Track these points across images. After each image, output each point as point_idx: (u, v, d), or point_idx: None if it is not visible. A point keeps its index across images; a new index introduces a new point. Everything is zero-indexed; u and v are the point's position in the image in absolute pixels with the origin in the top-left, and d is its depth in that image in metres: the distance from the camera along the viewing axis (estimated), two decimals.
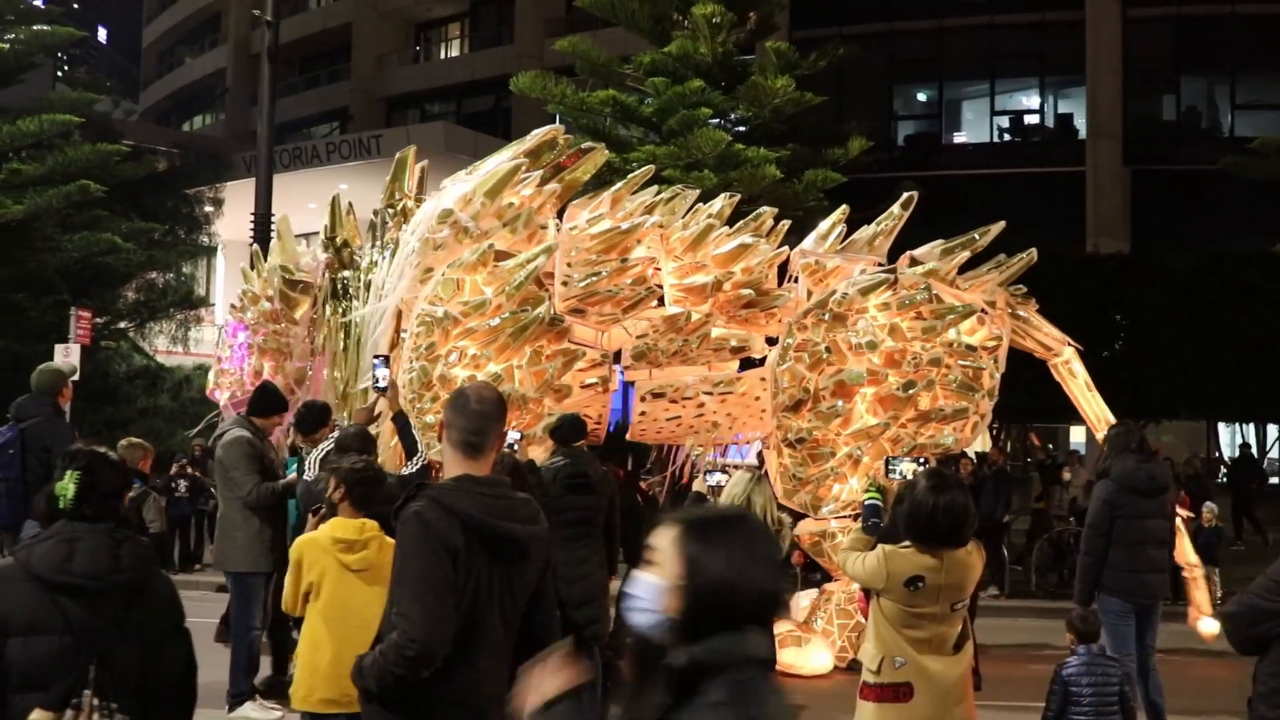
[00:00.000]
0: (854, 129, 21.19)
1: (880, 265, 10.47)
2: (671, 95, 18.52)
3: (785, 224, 10.91)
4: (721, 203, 10.50)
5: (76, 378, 11.19)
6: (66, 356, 15.10)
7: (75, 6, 50.56)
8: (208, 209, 25.91)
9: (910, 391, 9.81)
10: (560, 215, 10.21)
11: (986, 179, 31.04)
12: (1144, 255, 21.91)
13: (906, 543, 5.07)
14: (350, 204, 10.83)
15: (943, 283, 10.29)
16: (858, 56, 23.72)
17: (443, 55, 45.85)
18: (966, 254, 10.57)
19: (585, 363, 9.94)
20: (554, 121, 34.51)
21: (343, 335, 9.99)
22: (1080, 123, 32.27)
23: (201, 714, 4.06)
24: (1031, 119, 33.44)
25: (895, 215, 10.76)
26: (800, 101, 19.48)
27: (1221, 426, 29.28)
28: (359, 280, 10.06)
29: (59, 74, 33.34)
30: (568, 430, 8.07)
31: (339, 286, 10.19)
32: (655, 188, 10.77)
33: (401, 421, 7.69)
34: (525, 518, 3.79)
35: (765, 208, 10.92)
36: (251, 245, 14.72)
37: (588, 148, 10.34)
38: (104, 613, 3.55)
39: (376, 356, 8.41)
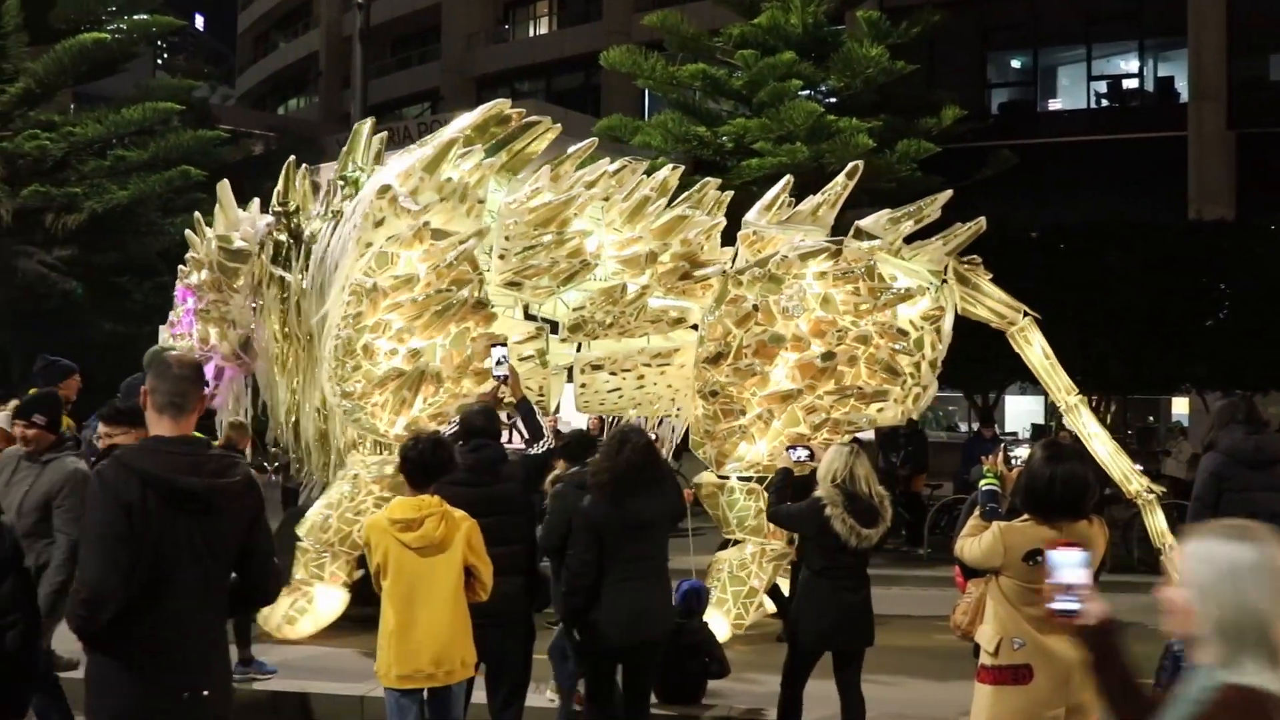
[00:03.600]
0: (947, 98, 20.82)
1: (825, 237, 10.35)
2: (762, 68, 18.36)
3: (728, 195, 10.94)
4: (665, 173, 10.53)
5: None
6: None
7: None
8: None
9: (827, 363, 9.70)
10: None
11: (1083, 146, 30.42)
12: (1249, 222, 21.30)
13: (1025, 516, 5.00)
14: (305, 169, 10.88)
15: (888, 253, 10.21)
16: (950, 23, 23.31)
17: (531, 33, 45.96)
18: (911, 224, 10.44)
19: (521, 334, 9.96)
20: (643, 97, 34.54)
21: (280, 301, 10.10)
22: (1182, 85, 31.43)
23: None
24: (1130, 83, 32.63)
25: (840, 185, 10.58)
26: (892, 71, 19.21)
27: None
28: (301, 247, 10.17)
29: (159, 62, 34.04)
30: (575, 448, 8.01)
31: (282, 252, 10.26)
32: (607, 159, 10.76)
33: (525, 408, 7.81)
34: (211, 472, 4.06)
35: (709, 179, 10.91)
36: None
37: (534, 120, 10.31)
38: None
39: (495, 344, 8.52)
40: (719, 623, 9.78)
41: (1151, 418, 30.03)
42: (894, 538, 17.03)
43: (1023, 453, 11.44)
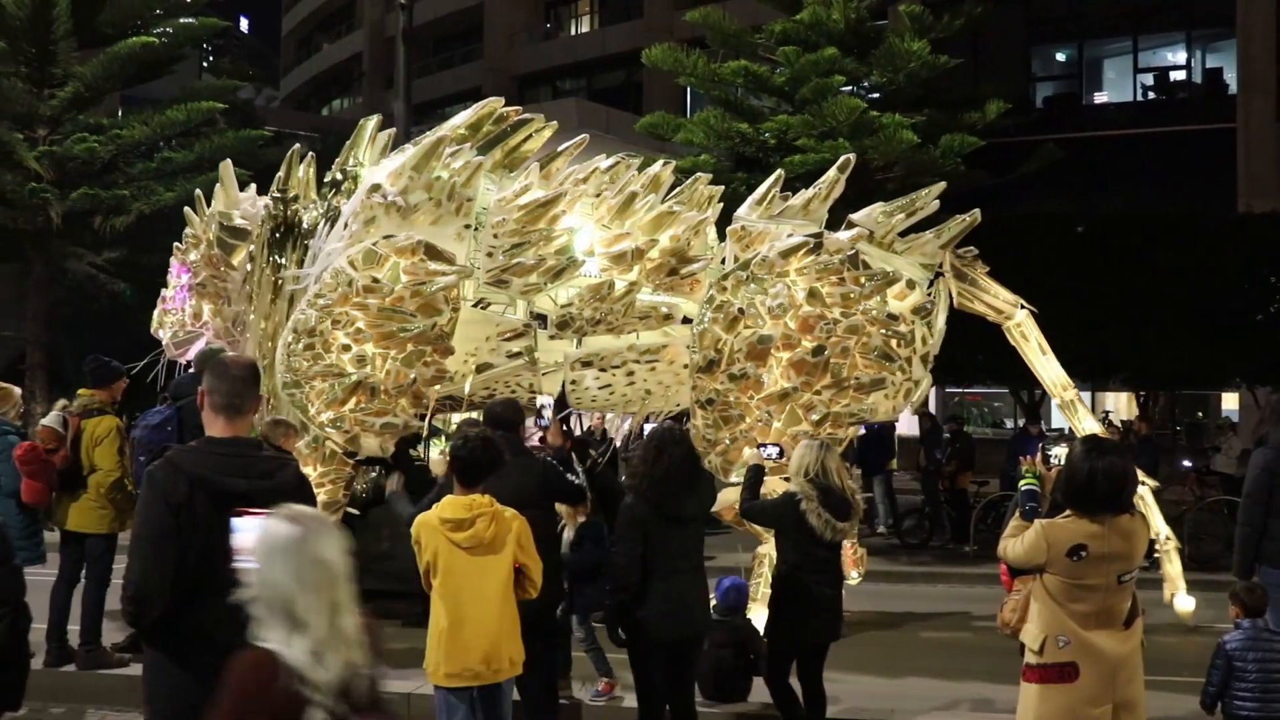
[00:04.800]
0: (991, 91, 20.66)
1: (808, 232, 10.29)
2: (804, 64, 18.30)
3: (718, 190, 10.87)
4: (657, 169, 10.46)
5: None
6: None
7: None
8: None
9: (818, 357, 9.63)
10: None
11: (1130, 139, 30.12)
12: None
13: (1067, 512, 4.98)
14: (310, 158, 10.80)
15: (879, 247, 10.14)
16: (994, 16, 23.15)
17: (573, 32, 46.06)
18: (902, 217, 10.38)
19: (509, 332, 9.94)
20: (685, 94, 34.51)
21: (271, 287, 10.07)
22: (1230, 77, 31.07)
23: None
24: (1177, 75, 32.30)
25: (831, 179, 10.51)
26: (935, 65, 19.09)
27: None
28: (295, 235, 10.11)
29: (204, 65, 34.35)
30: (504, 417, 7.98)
31: (276, 236, 10.22)
32: (602, 155, 10.73)
33: (563, 461, 7.90)
34: (260, 474, 4.19)
35: (700, 174, 10.85)
36: None
37: (527, 117, 10.28)
38: None
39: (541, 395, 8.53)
40: (762, 617, 9.80)
41: (1201, 413, 29.72)
42: (940, 535, 16.98)
43: (1061, 451, 11.27)
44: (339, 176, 10.27)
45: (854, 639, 11.17)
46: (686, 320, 10.21)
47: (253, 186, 11.10)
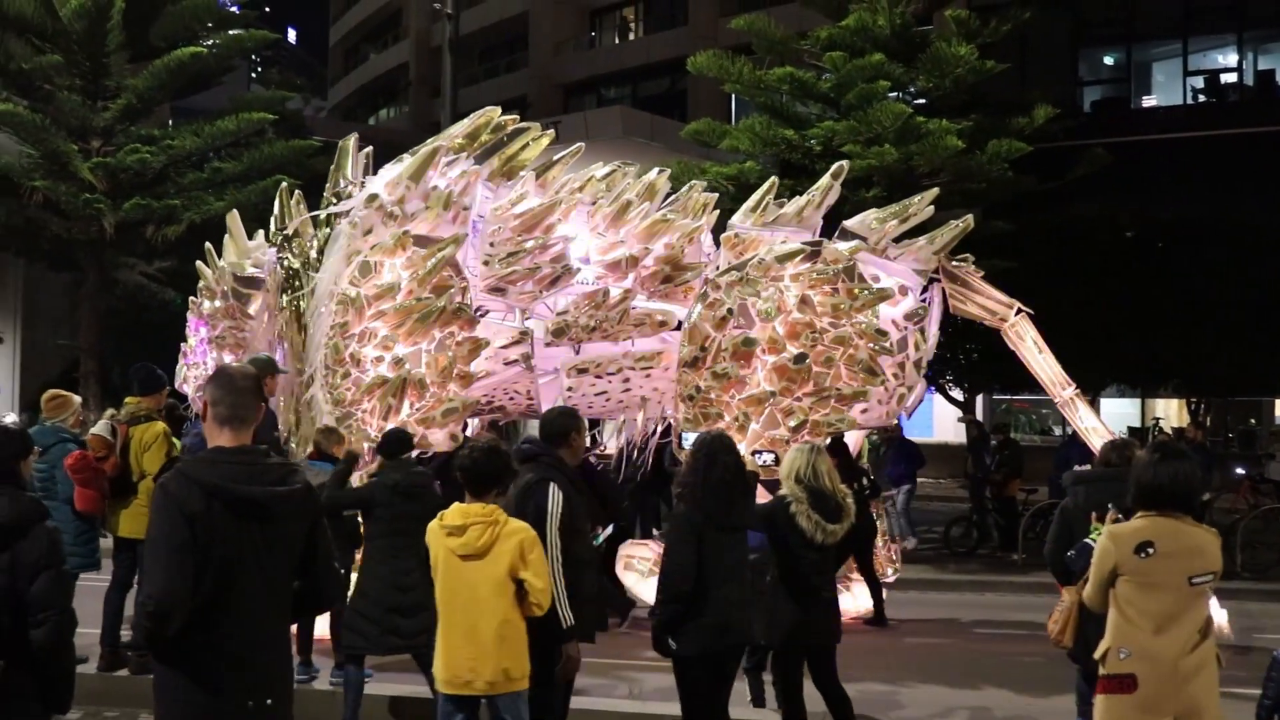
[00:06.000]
0: (1038, 96, 20.52)
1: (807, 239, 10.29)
2: (850, 69, 18.24)
3: (713, 197, 10.96)
4: (652, 176, 10.55)
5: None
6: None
7: (266, 10, 52.48)
8: None
9: (800, 364, 9.61)
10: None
11: (1180, 143, 29.80)
12: None
13: (1139, 514, 5.09)
14: (299, 193, 10.85)
15: (873, 253, 10.18)
16: (1041, 20, 23.00)
17: (617, 40, 46.17)
18: (895, 223, 10.34)
19: (506, 339, 9.99)
20: (730, 101, 34.49)
21: (296, 325, 10.12)
22: None
23: None
24: (1229, 77, 31.94)
25: (824, 186, 10.48)
26: (982, 70, 18.98)
27: None
28: (306, 270, 10.17)
29: (253, 76, 34.69)
30: (393, 445, 8.15)
31: (289, 277, 10.28)
32: (600, 163, 10.79)
33: (595, 476, 7.90)
34: (272, 480, 4.12)
35: (695, 182, 10.88)
36: None
37: (524, 126, 10.33)
38: None
39: None
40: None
41: (1254, 420, 29.35)
42: (988, 543, 16.85)
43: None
44: (333, 201, 10.33)
45: (905, 646, 11.12)
46: (680, 327, 10.32)
47: (260, 234, 11.18)
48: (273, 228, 10.75)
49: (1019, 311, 10.76)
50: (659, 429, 11.67)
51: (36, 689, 4.60)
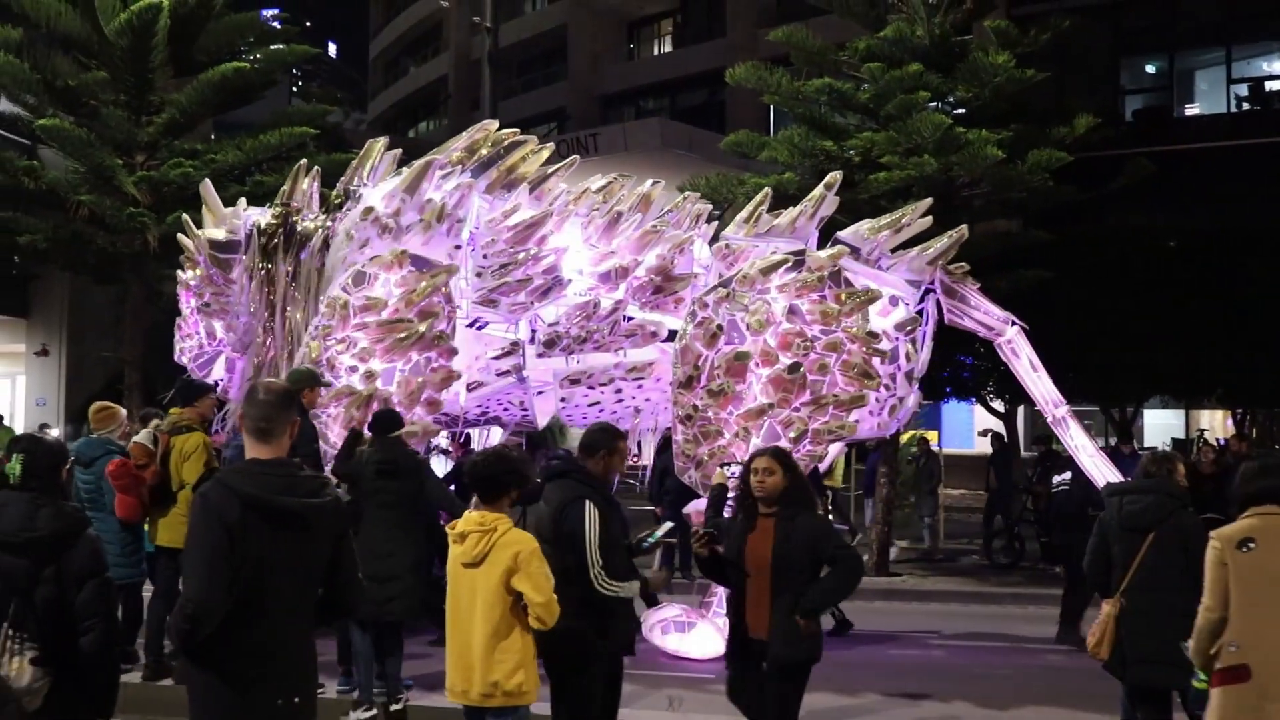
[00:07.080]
0: (1079, 105, 20.37)
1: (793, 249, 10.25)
2: (888, 80, 18.17)
3: (707, 208, 11.00)
4: (646, 188, 10.59)
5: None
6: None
7: (308, 25, 52.91)
8: None
9: (795, 374, 9.57)
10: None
11: (1223, 152, 29.49)
12: None
13: (1245, 513, 5.36)
14: (316, 172, 11.11)
15: (866, 263, 10.16)
16: (1081, 29, 22.84)
17: (655, 52, 46.26)
18: (889, 233, 10.28)
19: (497, 351, 10.08)
20: (768, 112, 34.50)
21: (266, 294, 10.27)
22: None
23: None
24: (1273, 85, 31.62)
25: (817, 196, 10.44)
26: (1022, 80, 18.86)
27: None
28: (291, 241, 10.30)
29: (294, 89, 34.98)
30: (380, 423, 8.66)
31: (270, 243, 10.37)
32: (598, 175, 10.84)
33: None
34: (306, 492, 4.30)
35: (689, 192, 10.88)
36: None
37: (522, 139, 10.37)
38: (24, 561, 4.59)
39: None
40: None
41: None
42: (1029, 556, 16.73)
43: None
44: (343, 195, 10.47)
45: (947, 662, 11.06)
46: (672, 337, 10.33)
47: (242, 200, 11.34)
48: (278, 196, 10.96)
49: (1014, 326, 10.72)
50: (656, 441, 11.75)
51: (83, 697, 4.68)
